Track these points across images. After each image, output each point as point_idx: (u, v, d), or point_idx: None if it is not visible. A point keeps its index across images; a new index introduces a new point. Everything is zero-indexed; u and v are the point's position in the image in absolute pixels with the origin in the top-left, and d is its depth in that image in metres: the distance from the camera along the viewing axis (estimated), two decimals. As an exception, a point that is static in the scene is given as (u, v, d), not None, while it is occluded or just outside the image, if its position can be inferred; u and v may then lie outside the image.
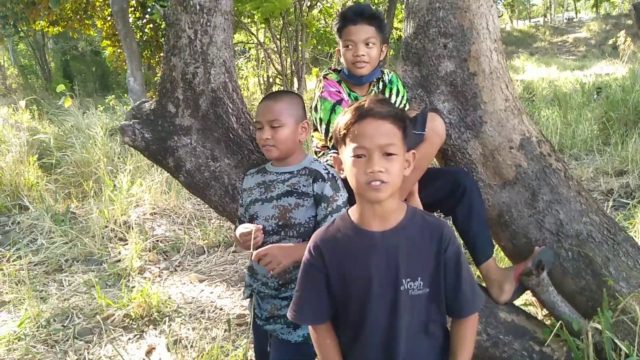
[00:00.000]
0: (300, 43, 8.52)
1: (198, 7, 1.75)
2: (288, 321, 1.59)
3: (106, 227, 4.22)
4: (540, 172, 1.78)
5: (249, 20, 9.49)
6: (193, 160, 1.84)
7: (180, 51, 1.80)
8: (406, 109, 1.88)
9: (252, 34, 8.52)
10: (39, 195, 4.86)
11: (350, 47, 1.77)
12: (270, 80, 12.35)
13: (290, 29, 8.41)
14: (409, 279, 1.14)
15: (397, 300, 1.14)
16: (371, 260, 1.15)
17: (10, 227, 4.46)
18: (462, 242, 1.81)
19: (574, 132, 6.03)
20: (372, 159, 1.07)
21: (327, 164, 1.67)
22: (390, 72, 1.91)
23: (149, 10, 9.82)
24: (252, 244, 1.50)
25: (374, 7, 2.17)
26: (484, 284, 1.79)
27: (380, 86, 1.89)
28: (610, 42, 20.46)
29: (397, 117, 1.10)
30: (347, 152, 1.12)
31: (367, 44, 1.76)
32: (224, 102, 1.85)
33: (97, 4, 10.55)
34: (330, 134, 1.78)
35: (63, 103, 4.87)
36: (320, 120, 1.79)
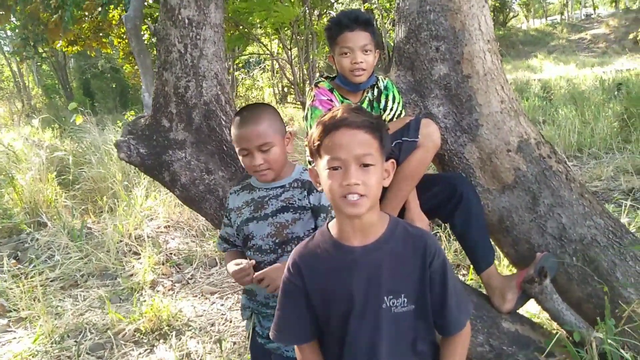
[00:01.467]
0: (311, 52, 8.55)
1: (187, 20, 1.76)
2: None
3: (120, 241, 4.27)
4: (540, 175, 1.71)
5: (262, 32, 9.57)
6: (188, 174, 1.84)
7: (172, 65, 1.81)
8: (402, 115, 1.85)
9: (263, 45, 8.58)
10: (56, 212, 4.96)
11: (347, 54, 1.73)
12: (285, 89, 12.43)
13: (301, 38, 8.45)
14: (391, 296, 1.09)
15: (379, 318, 1.09)
16: (352, 277, 1.09)
17: (29, 244, 4.55)
18: (462, 249, 1.75)
19: (592, 131, 5.87)
20: (348, 171, 1.02)
21: None
22: (385, 79, 1.88)
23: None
24: (251, 278, 1.45)
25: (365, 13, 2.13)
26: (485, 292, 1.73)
27: (376, 93, 1.86)
28: (631, 37, 19.97)
29: (373, 126, 1.06)
30: (322, 164, 1.07)
31: (364, 51, 1.73)
32: (216, 115, 1.85)
33: (114, 22, 10.80)
34: None
35: (74, 120, 4.98)
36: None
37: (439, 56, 1.77)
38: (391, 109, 1.83)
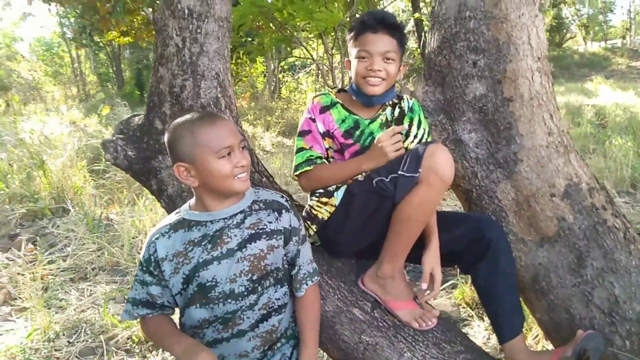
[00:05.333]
0: (355, 58, 8.31)
1: (187, 11, 1.55)
2: None
3: (136, 237, 4.17)
4: (591, 230, 1.39)
5: (307, 35, 9.41)
6: (175, 185, 1.64)
7: (168, 61, 1.61)
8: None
9: (306, 49, 8.42)
10: (80, 201, 4.94)
11: (365, 58, 1.48)
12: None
13: (344, 44, 8.23)
14: None
15: None
16: None
17: (49, 230, 4.53)
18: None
19: (650, 166, 5.33)
20: None
21: (277, 192, 1.40)
22: (411, 99, 1.60)
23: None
24: None
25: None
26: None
27: (397, 113, 1.58)
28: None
29: None
30: None
31: (385, 58, 1.47)
32: (214, 121, 1.63)
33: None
34: (297, 166, 1.57)
35: (100, 111, 4.95)
36: None
37: (476, 72, 1.47)
38: (415, 136, 1.55)
